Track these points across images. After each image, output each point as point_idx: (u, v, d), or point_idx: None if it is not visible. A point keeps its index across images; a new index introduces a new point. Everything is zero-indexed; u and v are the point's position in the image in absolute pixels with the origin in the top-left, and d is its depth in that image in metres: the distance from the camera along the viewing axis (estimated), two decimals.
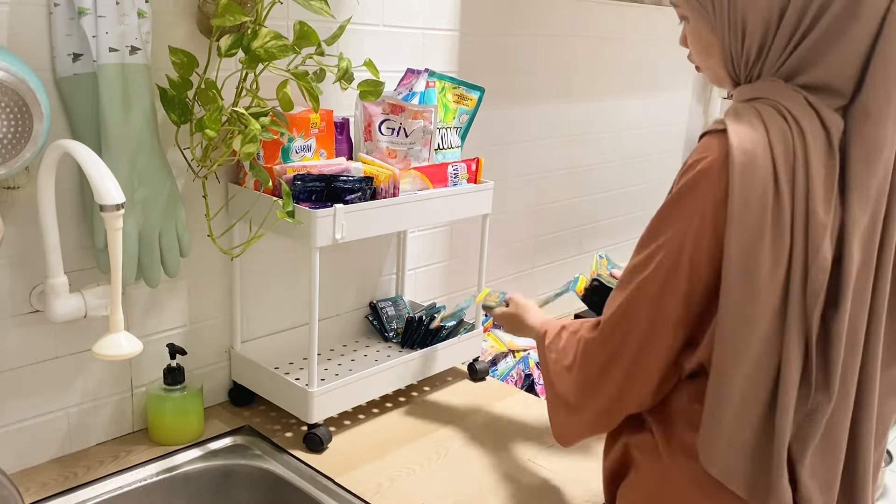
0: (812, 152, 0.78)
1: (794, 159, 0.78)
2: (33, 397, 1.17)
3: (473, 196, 1.46)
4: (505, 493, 1.21)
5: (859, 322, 0.83)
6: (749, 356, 0.81)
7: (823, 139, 0.79)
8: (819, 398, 0.83)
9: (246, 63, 1.14)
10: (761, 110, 0.81)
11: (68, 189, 1.14)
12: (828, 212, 0.78)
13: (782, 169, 0.78)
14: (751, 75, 0.87)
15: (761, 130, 0.79)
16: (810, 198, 0.78)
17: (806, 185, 0.78)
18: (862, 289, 0.82)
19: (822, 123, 0.80)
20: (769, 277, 0.79)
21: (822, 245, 0.78)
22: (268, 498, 1.25)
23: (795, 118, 0.80)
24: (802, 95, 0.81)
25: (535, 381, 1.72)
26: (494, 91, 1.76)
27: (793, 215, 0.78)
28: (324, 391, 1.28)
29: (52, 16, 1.07)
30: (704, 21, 0.88)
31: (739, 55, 0.86)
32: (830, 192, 0.79)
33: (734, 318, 0.80)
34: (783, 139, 0.79)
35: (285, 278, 1.45)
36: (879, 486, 2.85)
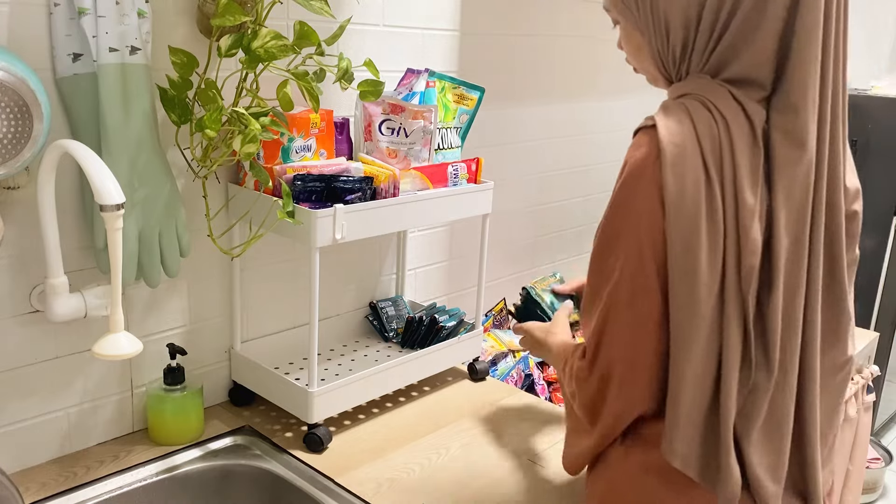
0: (737, 142, 0.83)
1: (721, 149, 0.82)
2: (33, 397, 1.17)
3: (473, 196, 1.46)
4: (505, 493, 1.21)
5: (795, 303, 0.86)
6: (698, 342, 0.84)
7: (748, 130, 0.84)
8: (759, 377, 0.86)
9: (246, 63, 1.14)
10: (688, 105, 0.85)
11: (68, 189, 1.14)
12: (755, 197, 0.82)
13: (710, 159, 0.82)
14: (680, 73, 0.91)
15: (688, 124, 0.83)
16: (738, 185, 0.82)
17: (733, 173, 0.82)
18: (795, 271, 0.85)
19: (745, 115, 0.84)
20: (708, 263, 0.82)
21: (751, 228, 0.82)
22: (268, 498, 1.25)
23: (720, 111, 0.84)
24: (727, 89, 0.86)
25: (535, 381, 1.72)
26: (494, 91, 1.76)
27: (724, 202, 0.82)
28: (324, 391, 1.28)
29: (52, 16, 1.07)
30: (633, 23, 0.93)
31: (666, 54, 0.91)
32: (756, 178, 0.83)
33: (682, 307, 0.83)
34: (709, 131, 0.83)
35: (285, 278, 1.45)
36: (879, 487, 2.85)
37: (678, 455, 0.87)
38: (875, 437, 2.97)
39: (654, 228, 0.83)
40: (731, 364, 0.84)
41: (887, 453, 2.85)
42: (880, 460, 2.81)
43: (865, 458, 2.02)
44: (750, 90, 0.85)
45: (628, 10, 0.92)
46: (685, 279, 0.82)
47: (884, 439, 3.20)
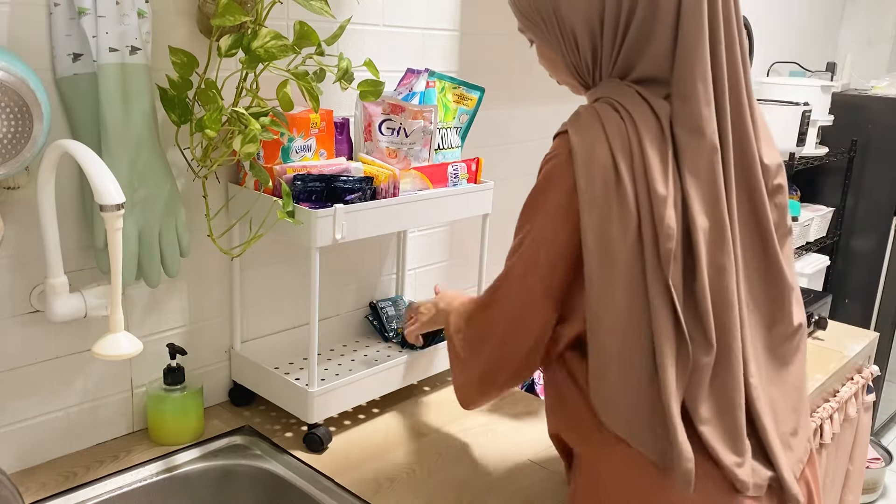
0: (645, 138, 0.89)
1: (630, 146, 0.90)
2: (33, 397, 1.17)
3: (473, 196, 1.46)
4: (505, 493, 1.21)
5: (725, 281, 0.91)
6: (618, 323, 0.90)
7: (655, 124, 0.91)
8: (699, 356, 0.90)
9: (246, 63, 1.14)
10: (598, 108, 0.93)
11: (68, 189, 1.14)
12: (666, 186, 0.89)
13: (620, 156, 0.89)
14: (594, 79, 0.99)
15: (598, 126, 0.91)
16: (649, 177, 0.88)
17: (643, 167, 0.89)
18: (718, 251, 0.91)
19: (652, 111, 0.91)
20: (622, 249, 0.89)
21: (664, 215, 0.88)
22: (268, 498, 1.25)
23: (628, 110, 0.91)
24: (634, 89, 0.93)
25: (535, 382, 1.72)
26: (494, 91, 1.76)
27: (637, 194, 0.89)
28: (324, 391, 1.28)
29: (52, 16, 1.07)
30: (544, 40, 1.02)
31: (579, 64, 0.99)
32: (666, 169, 0.89)
33: (598, 290, 0.90)
34: (618, 130, 0.90)
35: (285, 278, 1.45)
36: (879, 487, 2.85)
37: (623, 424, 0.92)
38: (875, 437, 2.97)
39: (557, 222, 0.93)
40: (662, 346, 0.89)
41: (887, 453, 2.85)
42: (880, 460, 2.81)
43: (865, 458, 2.02)
44: (655, 87, 0.93)
45: (539, 29, 1.00)
46: (599, 266, 0.90)
47: (884, 439, 3.20)
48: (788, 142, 2.58)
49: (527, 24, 1.02)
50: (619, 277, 0.89)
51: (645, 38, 0.92)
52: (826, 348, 1.84)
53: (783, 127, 2.57)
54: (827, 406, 1.71)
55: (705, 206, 0.90)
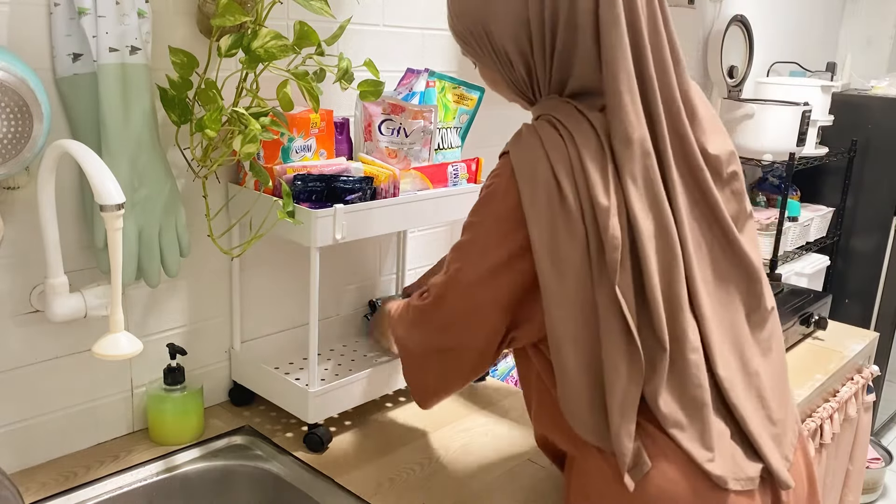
0: (584, 151, 0.91)
1: (570, 161, 0.91)
2: (33, 397, 1.17)
3: (473, 196, 1.44)
4: (505, 493, 1.21)
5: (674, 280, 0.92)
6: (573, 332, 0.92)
7: (593, 136, 0.92)
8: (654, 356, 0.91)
9: (246, 63, 1.14)
10: (538, 127, 0.94)
11: (68, 189, 1.14)
12: (608, 197, 0.90)
13: (561, 171, 0.91)
14: (536, 95, 1.00)
15: (537, 144, 0.93)
16: (591, 190, 0.90)
17: (585, 180, 0.90)
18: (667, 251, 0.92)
19: (590, 124, 0.92)
20: (572, 261, 0.91)
21: (608, 224, 0.89)
22: (268, 498, 1.25)
23: (566, 127, 0.92)
24: (573, 105, 0.94)
25: None
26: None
27: (581, 207, 0.90)
28: (324, 391, 1.28)
29: (52, 16, 1.07)
30: (483, 62, 1.03)
31: (518, 81, 1.00)
32: (606, 180, 0.90)
33: (553, 297, 0.92)
34: (557, 147, 0.92)
35: (285, 278, 1.45)
36: (879, 487, 2.85)
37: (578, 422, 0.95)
38: (875, 437, 2.97)
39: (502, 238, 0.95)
40: (611, 352, 0.90)
41: (887, 453, 2.86)
42: (880, 460, 2.81)
43: (865, 458, 2.02)
44: (590, 100, 0.94)
45: (475, 50, 1.01)
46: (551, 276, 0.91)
47: (884, 439, 3.20)
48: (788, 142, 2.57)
49: (465, 47, 1.03)
50: (572, 288, 0.91)
51: (570, 50, 0.93)
52: (826, 348, 1.84)
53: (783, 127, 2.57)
54: (827, 406, 1.71)
55: (648, 210, 0.91)
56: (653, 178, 0.92)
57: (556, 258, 0.91)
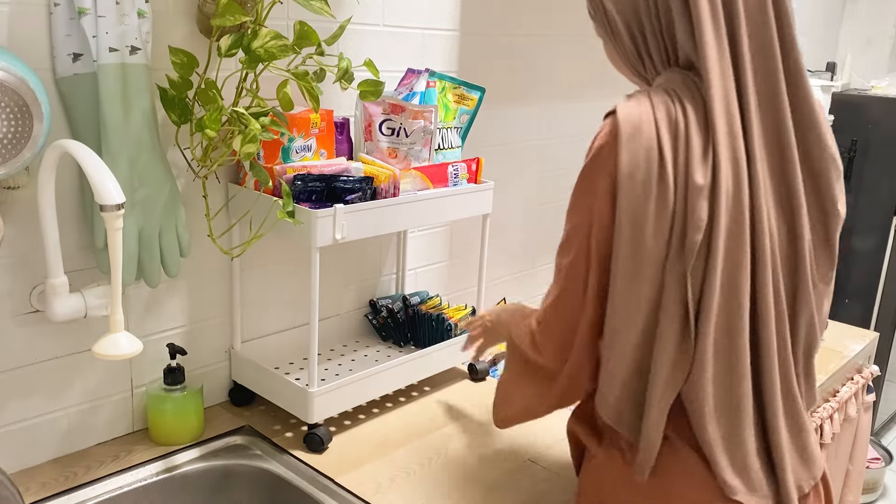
0: (692, 124, 0.86)
1: (677, 130, 0.86)
2: (33, 397, 1.17)
3: (473, 196, 1.46)
4: (505, 493, 1.21)
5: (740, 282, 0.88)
6: (639, 315, 0.88)
7: (702, 110, 0.87)
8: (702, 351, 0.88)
9: (246, 63, 1.14)
10: (650, 91, 0.90)
11: (68, 189, 1.14)
12: (704, 178, 0.85)
13: (666, 139, 0.86)
14: (647, 70, 0.96)
15: (647, 106, 0.88)
16: (689, 165, 0.85)
17: (686, 154, 0.86)
18: (736, 249, 0.87)
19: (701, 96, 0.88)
20: (654, 239, 0.86)
21: (697, 206, 0.85)
22: (268, 498, 1.25)
23: (678, 94, 0.88)
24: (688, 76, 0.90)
25: None
26: (494, 91, 1.76)
27: (675, 181, 0.85)
28: (324, 391, 1.28)
29: (52, 16, 1.07)
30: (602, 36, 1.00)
31: (629, 53, 0.96)
32: (706, 158, 0.86)
33: (624, 278, 0.88)
34: (667, 113, 0.87)
35: (285, 278, 1.45)
36: (879, 487, 2.85)
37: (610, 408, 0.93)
38: (875, 437, 2.97)
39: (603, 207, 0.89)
40: (665, 336, 0.87)
41: (887, 453, 2.85)
42: (880, 460, 2.81)
43: (865, 458, 2.02)
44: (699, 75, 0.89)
45: (596, 25, 0.99)
46: (630, 252, 0.87)
47: (884, 439, 3.20)
48: None
49: (593, 23, 1.00)
50: (647, 267, 0.87)
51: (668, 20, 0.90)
52: (826, 348, 1.84)
53: None
54: (827, 406, 1.71)
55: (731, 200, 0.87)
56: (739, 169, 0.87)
57: (638, 225, 0.86)
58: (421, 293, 1.64)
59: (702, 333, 0.87)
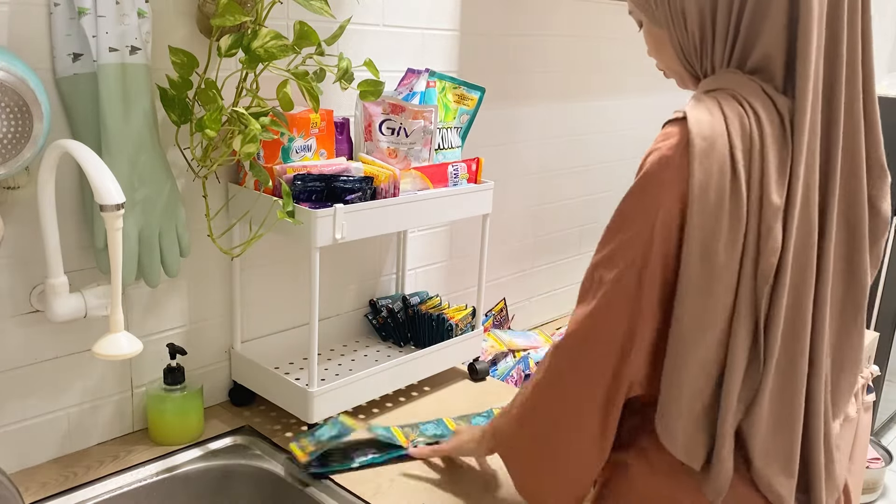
0: (767, 138, 0.81)
1: (751, 145, 0.81)
2: (33, 397, 1.17)
3: (473, 196, 1.46)
4: (505, 493, 1.21)
5: (804, 301, 0.85)
6: (708, 336, 0.83)
7: (778, 124, 0.82)
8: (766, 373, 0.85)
9: (246, 63, 1.14)
10: (720, 98, 0.83)
11: (68, 189, 1.14)
12: (781, 195, 0.81)
13: (739, 154, 0.80)
14: (705, 68, 0.90)
15: (719, 117, 0.81)
16: (764, 183, 0.80)
17: (761, 171, 0.81)
18: (803, 268, 0.84)
19: (776, 109, 0.83)
20: (725, 261, 0.81)
21: (773, 228, 0.80)
22: (268, 498, 1.25)
23: (752, 105, 0.82)
24: (757, 84, 0.84)
25: None
26: (494, 91, 1.76)
27: (748, 200, 0.80)
28: (324, 391, 1.28)
29: (52, 16, 1.07)
30: (653, 19, 0.92)
31: (688, 45, 0.89)
32: (783, 177, 0.81)
33: (693, 303, 0.82)
34: (741, 125, 0.81)
35: (285, 278, 1.45)
36: (879, 487, 2.85)
37: (678, 443, 0.87)
38: (875, 437, 2.97)
39: (669, 222, 0.82)
40: (737, 360, 0.83)
41: (887, 453, 2.85)
42: (880, 460, 2.81)
43: (865, 458, 2.02)
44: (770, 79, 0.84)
45: (647, 5, 0.91)
46: (701, 274, 0.81)
47: (884, 439, 3.20)
48: None
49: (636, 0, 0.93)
50: (718, 291, 0.81)
51: (760, 16, 0.83)
52: None
53: None
54: None
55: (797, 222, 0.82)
56: (812, 185, 0.83)
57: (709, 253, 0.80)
58: (421, 293, 1.64)
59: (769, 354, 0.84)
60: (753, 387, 0.86)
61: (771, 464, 0.88)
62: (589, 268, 0.90)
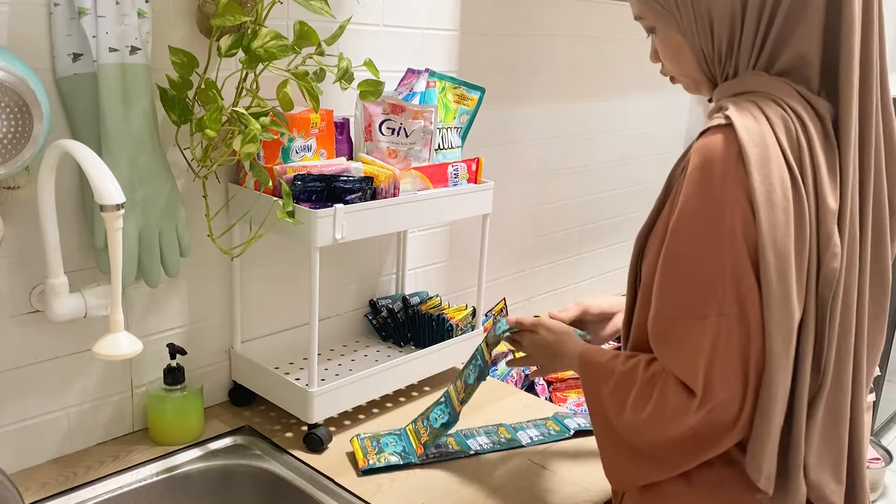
0: (814, 140, 0.78)
1: (800, 149, 0.78)
2: (33, 397, 1.17)
3: (473, 196, 1.46)
4: (505, 493, 1.21)
5: (849, 305, 0.83)
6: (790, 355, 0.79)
7: (820, 126, 0.80)
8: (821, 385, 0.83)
9: (246, 63, 1.14)
10: (759, 102, 0.80)
11: (68, 189, 1.14)
12: (835, 198, 0.78)
13: (792, 159, 0.77)
14: (727, 72, 0.87)
15: (764, 122, 0.78)
16: (819, 187, 0.78)
17: (813, 175, 0.78)
18: (852, 273, 0.82)
19: (815, 112, 0.80)
20: (798, 273, 0.77)
21: (833, 232, 0.78)
22: (268, 498, 1.25)
23: (792, 108, 0.79)
24: (791, 86, 0.81)
25: (535, 382, 1.72)
26: (494, 91, 1.76)
27: (808, 204, 0.77)
28: (324, 391, 1.28)
29: (52, 16, 1.07)
30: (671, 25, 0.88)
31: (711, 52, 0.86)
32: (835, 179, 0.79)
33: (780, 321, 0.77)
34: (786, 129, 0.78)
35: (285, 278, 1.45)
36: (879, 487, 2.85)
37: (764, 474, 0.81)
38: (875, 437, 2.97)
39: (748, 236, 0.77)
40: (804, 373, 0.80)
41: (887, 453, 2.85)
42: (880, 460, 2.81)
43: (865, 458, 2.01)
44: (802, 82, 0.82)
45: (668, 11, 0.87)
46: (781, 288, 0.77)
47: (884, 439, 3.20)
48: None
49: (651, 5, 0.88)
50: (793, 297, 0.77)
51: (795, 21, 0.80)
52: None
53: None
54: None
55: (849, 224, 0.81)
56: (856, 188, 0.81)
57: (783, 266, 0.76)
58: (421, 293, 1.64)
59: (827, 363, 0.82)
60: (811, 397, 0.83)
61: (823, 472, 0.85)
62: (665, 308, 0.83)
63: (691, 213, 0.80)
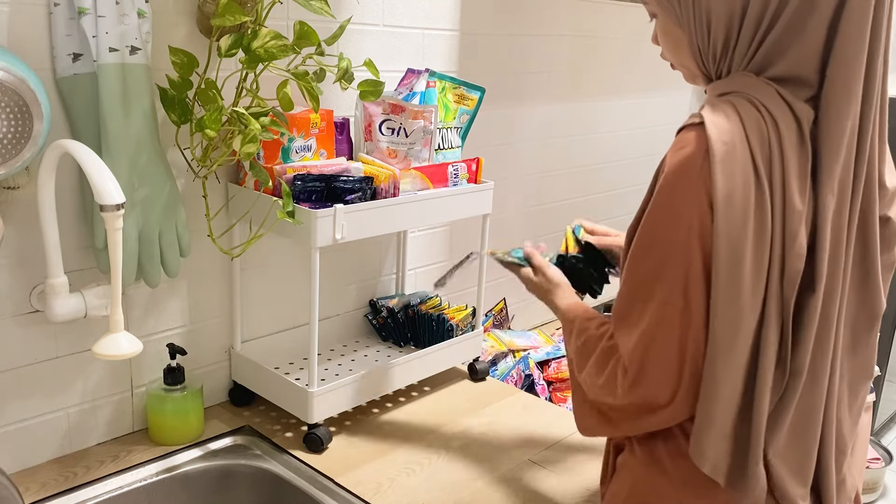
0: (786, 142, 0.80)
1: (770, 149, 0.80)
2: (33, 397, 1.17)
3: (473, 196, 1.46)
4: (505, 493, 1.21)
5: (832, 307, 0.84)
6: (738, 345, 0.82)
7: (795, 129, 0.81)
8: (791, 380, 0.84)
9: (246, 63, 1.14)
10: (735, 103, 0.82)
11: (68, 189, 1.14)
12: (803, 200, 0.80)
13: (760, 159, 0.79)
14: (720, 70, 0.88)
15: (737, 122, 0.80)
16: (786, 188, 0.80)
17: (782, 175, 0.80)
18: (834, 275, 0.84)
19: (793, 114, 0.82)
20: (753, 266, 0.80)
21: (798, 232, 0.80)
22: (268, 498, 1.25)
23: (768, 110, 0.81)
24: (774, 88, 0.83)
25: (535, 382, 1.72)
26: (494, 91, 1.76)
27: (772, 205, 0.79)
28: (324, 391, 1.28)
29: (52, 16, 1.07)
30: (671, 16, 0.90)
31: (707, 49, 0.88)
32: (804, 180, 0.81)
33: (725, 312, 0.80)
34: (758, 130, 0.80)
35: (285, 278, 1.45)
36: (879, 487, 2.85)
37: (708, 460, 0.84)
38: (875, 437, 2.97)
39: (704, 230, 0.80)
40: (766, 369, 0.82)
41: (887, 453, 2.85)
42: (880, 460, 2.81)
43: (865, 458, 2.02)
44: (797, 89, 0.83)
45: (668, 3, 0.89)
46: (730, 282, 0.79)
47: (884, 439, 3.20)
48: None
49: None
50: (746, 298, 0.80)
51: (794, 31, 0.81)
52: None
53: None
54: None
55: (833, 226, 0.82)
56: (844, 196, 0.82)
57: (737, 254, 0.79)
58: (421, 293, 1.64)
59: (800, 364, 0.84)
60: (777, 395, 0.85)
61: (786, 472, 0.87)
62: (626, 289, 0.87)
63: (657, 206, 0.83)
